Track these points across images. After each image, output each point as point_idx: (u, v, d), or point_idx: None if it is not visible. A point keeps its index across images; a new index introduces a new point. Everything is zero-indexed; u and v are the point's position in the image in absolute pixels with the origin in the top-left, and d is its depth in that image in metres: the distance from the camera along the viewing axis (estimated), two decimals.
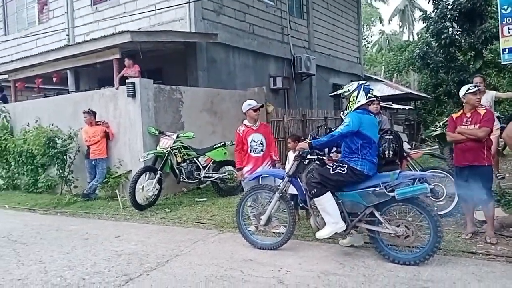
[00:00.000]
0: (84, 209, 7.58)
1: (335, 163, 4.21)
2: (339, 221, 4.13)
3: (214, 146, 7.96)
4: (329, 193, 4.16)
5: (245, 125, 5.67)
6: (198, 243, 5.12)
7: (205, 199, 7.67)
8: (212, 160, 7.89)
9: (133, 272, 4.24)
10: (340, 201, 4.25)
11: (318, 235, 4.24)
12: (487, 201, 4.57)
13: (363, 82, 4.38)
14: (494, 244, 4.39)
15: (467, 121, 4.66)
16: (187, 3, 10.04)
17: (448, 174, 5.56)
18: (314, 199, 4.19)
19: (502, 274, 3.67)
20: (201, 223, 6.12)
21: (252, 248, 4.78)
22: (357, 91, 4.23)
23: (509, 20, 5.13)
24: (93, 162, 8.18)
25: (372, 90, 4.35)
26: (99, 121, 8.29)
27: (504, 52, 5.21)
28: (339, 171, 4.12)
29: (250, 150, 5.57)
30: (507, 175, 7.53)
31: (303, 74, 13.64)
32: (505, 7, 5.16)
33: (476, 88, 4.75)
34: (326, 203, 4.14)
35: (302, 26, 14.25)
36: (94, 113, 8.26)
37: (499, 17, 5.25)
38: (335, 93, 4.58)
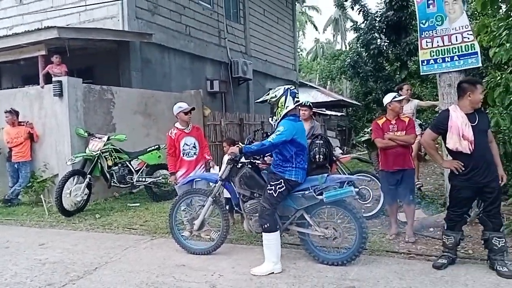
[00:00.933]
0: (5, 216, 7.07)
1: (271, 182, 4.14)
2: (278, 261, 4.10)
3: (148, 149, 7.75)
4: (278, 232, 4.14)
5: (177, 128, 5.54)
6: (129, 250, 4.95)
7: (138, 204, 7.46)
8: (146, 164, 7.68)
9: (58, 281, 4.02)
10: None
11: (254, 271, 4.07)
12: (410, 203, 4.88)
13: (289, 86, 4.33)
14: (413, 243, 4.69)
15: (393, 127, 4.92)
16: (119, 0, 9.72)
17: (374, 178, 5.86)
18: (263, 233, 4.11)
19: (421, 271, 3.91)
20: (133, 229, 5.94)
21: (186, 254, 4.71)
22: (284, 96, 4.17)
23: (427, 34, 5.49)
24: (16, 166, 7.66)
25: (298, 94, 4.34)
26: (23, 122, 7.77)
27: (423, 64, 5.54)
28: (279, 190, 4.09)
29: (183, 154, 5.46)
30: (428, 178, 8.10)
31: (240, 78, 13.74)
32: (423, 21, 5.52)
33: (402, 97, 5.06)
34: (274, 240, 4.09)
35: (239, 30, 14.36)
36: (16, 113, 7.73)
37: (418, 31, 5.60)
38: (261, 99, 4.61)
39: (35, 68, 8.41)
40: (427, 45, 5.49)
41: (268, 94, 4.33)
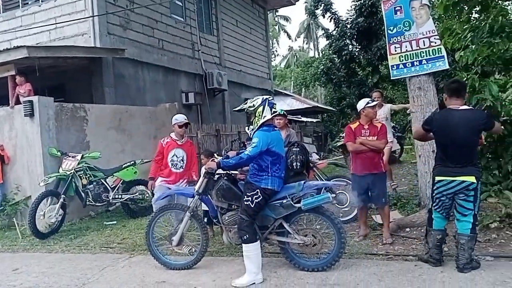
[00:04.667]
0: None
1: (247, 193, 4.13)
2: (259, 272, 4.08)
3: (123, 166, 7.63)
4: (258, 243, 4.12)
5: (171, 137, 5.73)
6: (106, 269, 4.85)
7: (114, 222, 7.31)
8: (122, 181, 7.54)
9: None
10: None
11: (235, 283, 4.06)
12: (384, 205, 4.96)
13: (267, 97, 4.40)
14: (391, 244, 4.76)
15: (365, 132, 5.00)
16: (90, 17, 9.62)
17: (350, 182, 5.92)
18: (243, 244, 4.10)
19: (399, 272, 3.97)
20: (110, 247, 5.81)
21: (165, 270, 4.64)
22: (262, 106, 4.21)
23: (395, 39, 5.64)
24: None
25: (276, 104, 4.42)
26: None
27: (393, 69, 5.68)
28: (256, 200, 4.09)
29: (171, 165, 5.62)
30: (403, 179, 8.22)
31: (216, 89, 13.73)
32: (391, 27, 5.67)
33: (375, 103, 5.15)
34: (254, 251, 4.08)
35: (212, 42, 14.38)
36: None
37: (386, 37, 5.74)
38: (239, 107, 4.67)
39: (4, 88, 8.22)
40: (395, 50, 5.63)
41: (246, 103, 4.37)
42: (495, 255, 4.17)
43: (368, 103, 5.07)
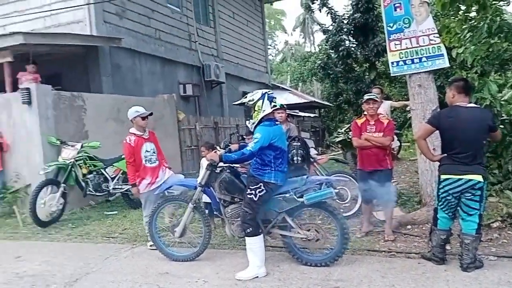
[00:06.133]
0: None
1: (250, 186, 4.15)
2: (262, 265, 4.11)
3: (123, 156, 7.56)
4: (261, 236, 4.14)
5: (134, 134, 5.22)
6: (109, 259, 4.87)
7: (115, 212, 7.32)
8: (122, 171, 7.51)
9: None
10: None
11: (238, 275, 4.08)
12: (388, 202, 4.97)
13: (267, 90, 4.37)
14: (393, 241, 4.81)
15: (371, 128, 5.00)
16: (86, 4, 9.51)
17: (351, 178, 5.97)
18: (246, 237, 4.12)
19: (402, 269, 4.02)
20: (112, 237, 5.83)
21: (168, 261, 4.67)
22: (261, 100, 4.20)
23: (395, 36, 5.64)
24: None
25: (275, 98, 4.39)
26: None
27: (393, 65, 5.70)
28: (260, 193, 4.10)
29: (145, 161, 5.15)
30: (402, 176, 8.30)
31: (213, 82, 13.70)
32: (391, 24, 5.68)
33: (367, 97, 5.13)
34: (257, 244, 4.10)
35: (209, 34, 14.31)
36: None
37: (385, 34, 5.75)
38: (239, 101, 4.63)
39: (1, 75, 8.13)
40: (395, 47, 5.64)
41: (246, 97, 4.37)
42: (498, 255, 4.20)
43: (363, 99, 5.08)
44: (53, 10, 9.79)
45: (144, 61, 11.13)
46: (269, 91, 4.36)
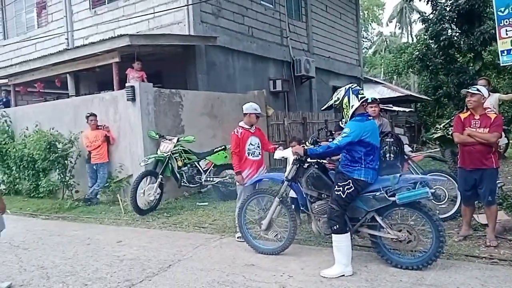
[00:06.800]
0: (85, 214, 7.56)
1: (339, 183, 4.06)
2: (349, 264, 4.02)
3: (215, 150, 7.94)
4: (348, 234, 4.07)
5: (242, 127, 5.54)
6: (199, 248, 5.11)
7: (206, 203, 7.66)
8: (213, 164, 7.87)
9: (135, 277, 4.23)
10: None
11: (324, 273, 4.03)
12: (491, 204, 4.53)
13: (350, 85, 4.21)
14: (495, 247, 4.38)
15: (475, 123, 4.57)
16: (185, 6, 10.04)
17: (449, 177, 5.55)
18: (333, 234, 4.07)
19: (506, 278, 3.66)
20: (203, 227, 6.11)
21: (254, 253, 4.77)
22: (347, 96, 4.07)
23: (506, 22, 5.11)
24: (95, 167, 8.17)
25: (362, 90, 4.21)
26: (100, 126, 8.27)
27: (503, 54, 5.18)
28: (348, 190, 4.01)
29: (248, 154, 5.45)
30: (509, 177, 7.52)
31: (303, 76, 13.64)
32: (502, 9, 5.14)
33: (464, 92, 4.69)
34: (344, 242, 4.03)
35: (301, 28, 14.26)
36: (96, 117, 8.25)
37: (495, 19, 5.22)
38: (326, 105, 4.52)
39: (109, 74, 8.93)
40: (507, 34, 5.13)
41: (332, 100, 4.27)
42: None
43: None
44: (156, 12, 10.52)
45: (237, 58, 11.46)
46: (352, 85, 4.22)
